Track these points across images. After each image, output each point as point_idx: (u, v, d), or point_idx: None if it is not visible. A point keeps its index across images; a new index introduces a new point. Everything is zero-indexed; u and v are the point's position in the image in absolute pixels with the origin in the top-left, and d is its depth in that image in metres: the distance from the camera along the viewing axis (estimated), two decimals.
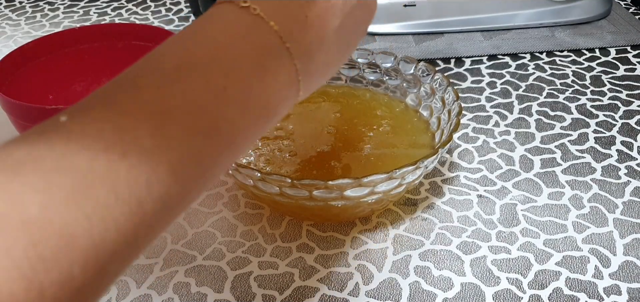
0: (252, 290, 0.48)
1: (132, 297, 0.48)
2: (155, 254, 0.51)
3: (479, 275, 0.48)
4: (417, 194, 0.57)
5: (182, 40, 0.29)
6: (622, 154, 0.61)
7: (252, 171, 0.47)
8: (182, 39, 0.29)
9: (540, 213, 0.54)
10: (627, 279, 0.48)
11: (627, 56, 0.80)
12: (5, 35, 0.91)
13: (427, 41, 0.83)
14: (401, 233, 0.53)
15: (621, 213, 0.54)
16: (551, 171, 0.59)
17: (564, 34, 0.84)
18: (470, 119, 0.68)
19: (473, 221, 0.54)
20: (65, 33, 0.68)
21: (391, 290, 0.47)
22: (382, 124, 0.61)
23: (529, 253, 0.50)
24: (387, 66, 0.65)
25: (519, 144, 0.63)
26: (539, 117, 0.67)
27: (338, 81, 0.67)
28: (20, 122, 0.57)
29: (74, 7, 1.00)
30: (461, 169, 0.60)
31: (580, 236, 0.52)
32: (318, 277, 0.49)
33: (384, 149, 0.57)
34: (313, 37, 0.29)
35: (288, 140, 0.59)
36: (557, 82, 0.74)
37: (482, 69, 0.77)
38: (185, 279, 0.49)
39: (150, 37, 0.69)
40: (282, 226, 0.54)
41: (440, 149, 0.49)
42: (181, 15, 0.96)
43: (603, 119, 0.67)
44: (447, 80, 0.59)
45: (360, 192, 0.47)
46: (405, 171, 0.47)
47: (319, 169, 0.55)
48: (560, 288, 0.47)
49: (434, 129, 0.59)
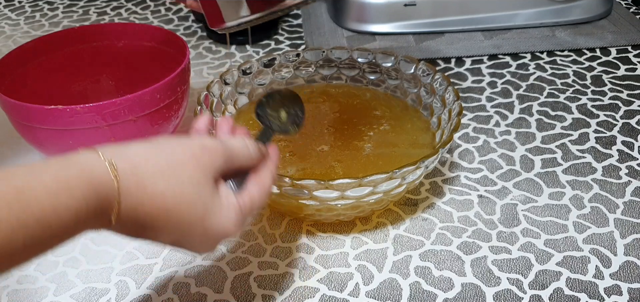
0: (252, 290, 0.48)
1: (132, 297, 0.47)
2: (154, 254, 0.51)
3: (480, 275, 0.48)
4: (418, 194, 0.57)
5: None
6: (623, 154, 0.61)
7: None
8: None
9: (541, 213, 0.54)
10: (628, 279, 0.47)
11: (628, 56, 0.79)
12: (4, 35, 0.91)
13: (428, 41, 0.83)
14: (401, 233, 0.53)
15: (622, 213, 0.54)
16: (552, 170, 0.59)
17: (564, 33, 0.84)
18: (470, 118, 0.68)
19: (473, 221, 0.54)
20: (64, 33, 0.68)
21: (391, 290, 0.47)
22: (383, 123, 0.60)
23: (530, 253, 0.50)
24: (387, 66, 0.64)
25: (520, 143, 0.63)
26: (539, 117, 0.67)
27: (338, 81, 0.67)
28: (20, 122, 0.57)
29: (74, 7, 1.00)
30: (462, 169, 0.60)
31: (581, 236, 0.51)
32: (318, 278, 0.49)
33: (384, 149, 0.57)
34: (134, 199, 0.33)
35: (288, 141, 0.58)
36: (558, 81, 0.74)
37: (483, 69, 0.77)
38: (185, 279, 0.49)
39: (150, 37, 0.68)
40: (282, 226, 0.54)
41: (441, 149, 0.49)
42: (180, 15, 0.96)
43: (604, 119, 0.67)
44: (447, 80, 0.59)
45: (360, 192, 0.47)
46: (405, 171, 0.47)
47: (319, 169, 0.55)
48: (560, 288, 0.47)
49: (434, 128, 0.59)
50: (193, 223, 0.35)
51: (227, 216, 0.37)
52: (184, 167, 0.35)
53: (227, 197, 0.37)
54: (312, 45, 0.84)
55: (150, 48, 0.68)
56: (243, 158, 0.39)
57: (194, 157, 0.35)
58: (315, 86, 0.67)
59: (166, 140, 0.36)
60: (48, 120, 0.54)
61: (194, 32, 0.90)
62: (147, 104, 0.55)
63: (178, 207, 0.34)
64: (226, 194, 0.37)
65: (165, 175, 0.34)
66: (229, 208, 0.37)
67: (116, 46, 0.70)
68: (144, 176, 0.33)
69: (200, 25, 0.92)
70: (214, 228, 0.36)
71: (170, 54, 0.66)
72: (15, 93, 0.57)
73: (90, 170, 0.31)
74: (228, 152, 0.38)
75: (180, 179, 0.34)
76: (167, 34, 0.67)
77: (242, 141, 0.40)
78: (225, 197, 0.37)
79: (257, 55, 0.83)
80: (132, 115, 0.55)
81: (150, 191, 0.33)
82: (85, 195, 0.31)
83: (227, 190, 0.37)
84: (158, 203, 0.34)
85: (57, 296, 0.48)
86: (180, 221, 0.35)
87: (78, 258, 0.51)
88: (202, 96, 0.57)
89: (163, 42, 0.67)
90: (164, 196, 0.34)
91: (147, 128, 0.57)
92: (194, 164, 0.35)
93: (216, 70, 0.80)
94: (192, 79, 0.66)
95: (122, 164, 0.33)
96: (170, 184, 0.34)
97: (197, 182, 0.35)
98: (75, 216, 0.30)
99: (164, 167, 0.34)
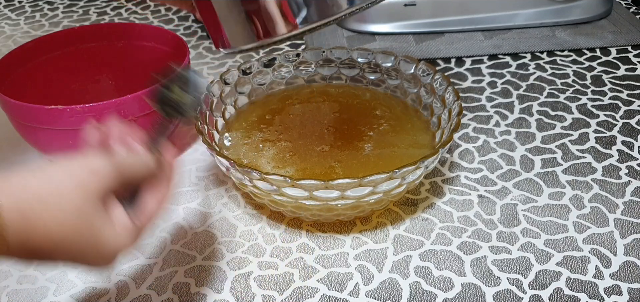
0: (251, 290, 0.48)
1: (132, 297, 0.47)
2: (154, 254, 0.51)
3: (480, 275, 0.48)
4: (418, 194, 0.57)
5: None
6: (623, 154, 0.61)
7: (252, 171, 0.47)
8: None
9: (541, 213, 0.54)
10: (628, 280, 0.47)
11: (628, 56, 0.79)
12: (4, 35, 0.91)
13: (428, 41, 0.83)
14: (401, 233, 0.53)
15: (622, 213, 0.54)
16: (552, 170, 0.59)
17: (564, 33, 0.84)
18: (470, 118, 0.68)
19: (473, 221, 0.54)
20: (64, 33, 0.68)
21: (391, 290, 0.47)
22: (382, 123, 0.60)
23: (530, 253, 0.50)
24: (387, 66, 0.64)
25: (520, 143, 0.63)
26: (539, 117, 0.67)
27: (338, 81, 0.67)
28: (20, 122, 0.57)
29: (74, 7, 1.00)
30: (461, 169, 0.60)
31: (581, 236, 0.51)
32: (318, 278, 0.49)
33: (384, 149, 0.57)
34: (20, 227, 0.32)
35: (288, 141, 0.59)
36: (558, 81, 0.74)
37: (483, 69, 0.77)
38: (185, 279, 0.49)
39: (150, 37, 0.68)
40: (282, 226, 0.54)
41: (441, 149, 0.49)
42: (180, 15, 0.96)
43: (604, 119, 0.67)
44: (447, 80, 0.59)
45: (360, 192, 0.47)
46: (405, 171, 0.47)
47: (319, 169, 0.55)
48: (560, 288, 0.47)
49: (434, 128, 0.59)
50: (83, 249, 0.35)
51: (119, 235, 0.37)
52: (69, 197, 0.35)
53: (118, 217, 0.37)
54: (312, 45, 0.84)
55: (150, 48, 0.68)
56: (137, 172, 0.39)
57: (80, 185, 0.35)
58: (315, 86, 0.67)
59: (52, 168, 0.36)
60: (47, 121, 0.54)
61: (194, 32, 0.90)
62: (147, 104, 0.55)
63: (64, 236, 0.34)
64: (117, 214, 0.37)
65: (49, 206, 0.34)
66: (121, 227, 0.37)
67: (116, 46, 0.70)
68: (28, 211, 0.33)
69: (200, 25, 0.92)
70: (107, 248, 0.36)
71: (170, 54, 0.66)
72: (15, 93, 0.57)
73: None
74: (119, 171, 0.37)
75: (65, 209, 0.34)
76: (167, 34, 0.67)
77: (135, 156, 0.39)
78: (116, 216, 0.37)
79: (257, 55, 0.83)
80: (131, 116, 0.55)
81: (34, 223, 0.33)
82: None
83: (119, 209, 0.37)
84: (44, 235, 0.34)
85: (57, 296, 0.48)
86: (70, 249, 0.35)
87: None
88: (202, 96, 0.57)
89: (163, 42, 0.68)
90: (49, 228, 0.34)
91: (147, 129, 0.57)
92: (79, 192, 0.35)
93: (216, 70, 0.80)
94: None
95: (5, 199, 0.33)
96: (54, 216, 0.34)
97: (82, 210, 0.35)
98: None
99: (47, 198, 0.34)
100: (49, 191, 0.34)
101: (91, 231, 0.35)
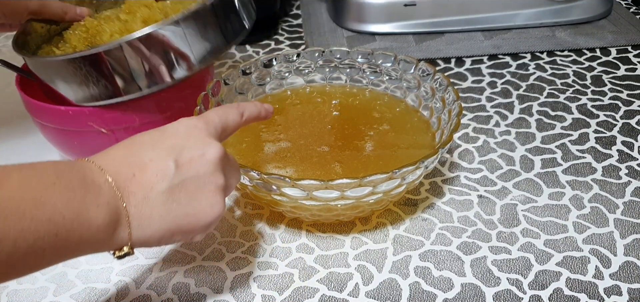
0: (251, 290, 0.48)
1: (132, 297, 0.47)
2: (154, 254, 0.51)
3: (479, 275, 0.48)
4: (417, 194, 0.57)
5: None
6: (623, 154, 0.61)
7: (252, 171, 0.47)
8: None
9: (541, 213, 0.54)
10: (628, 280, 0.47)
11: (628, 56, 0.79)
12: (4, 35, 0.91)
13: (428, 41, 0.83)
14: (401, 233, 0.53)
15: (622, 213, 0.54)
16: (552, 171, 0.59)
17: (564, 33, 0.84)
18: (470, 119, 0.68)
19: (473, 221, 0.54)
20: None
21: (391, 290, 0.47)
22: (382, 123, 0.60)
23: (530, 253, 0.50)
24: (387, 66, 0.64)
25: (520, 144, 0.63)
26: (539, 117, 0.67)
27: (338, 81, 0.67)
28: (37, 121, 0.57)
29: None
30: (461, 169, 0.60)
31: (581, 237, 0.51)
32: (318, 278, 0.49)
33: (384, 149, 0.57)
34: (137, 188, 0.37)
35: (288, 141, 0.59)
36: (558, 82, 0.74)
37: (483, 69, 0.77)
38: (185, 279, 0.49)
39: None
40: (282, 226, 0.54)
41: (441, 149, 0.49)
42: None
43: (604, 119, 0.67)
44: (447, 80, 0.59)
45: (360, 192, 0.47)
46: (405, 171, 0.47)
47: (319, 169, 0.55)
48: (560, 289, 0.47)
49: (434, 128, 0.59)
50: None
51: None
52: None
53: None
54: (312, 45, 0.84)
55: None
56: (228, 111, 0.46)
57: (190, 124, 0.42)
58: (315, 86, 0.67)
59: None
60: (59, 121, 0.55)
61: None
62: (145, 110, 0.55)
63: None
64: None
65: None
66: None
67: None
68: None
69: None
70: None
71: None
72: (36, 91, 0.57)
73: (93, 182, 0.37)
74: (215, 111, 0.44)
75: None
76: None
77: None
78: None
79: (257, 55, 0.83)
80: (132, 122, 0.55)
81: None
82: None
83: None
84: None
85: (57, 296, 0.48)
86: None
87: (78, 258, 0.51)
88: (202, 96, 0.57)
89: None
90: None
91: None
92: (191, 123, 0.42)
93: (216, 70, 0.80)
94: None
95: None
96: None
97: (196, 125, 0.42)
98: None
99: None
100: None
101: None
